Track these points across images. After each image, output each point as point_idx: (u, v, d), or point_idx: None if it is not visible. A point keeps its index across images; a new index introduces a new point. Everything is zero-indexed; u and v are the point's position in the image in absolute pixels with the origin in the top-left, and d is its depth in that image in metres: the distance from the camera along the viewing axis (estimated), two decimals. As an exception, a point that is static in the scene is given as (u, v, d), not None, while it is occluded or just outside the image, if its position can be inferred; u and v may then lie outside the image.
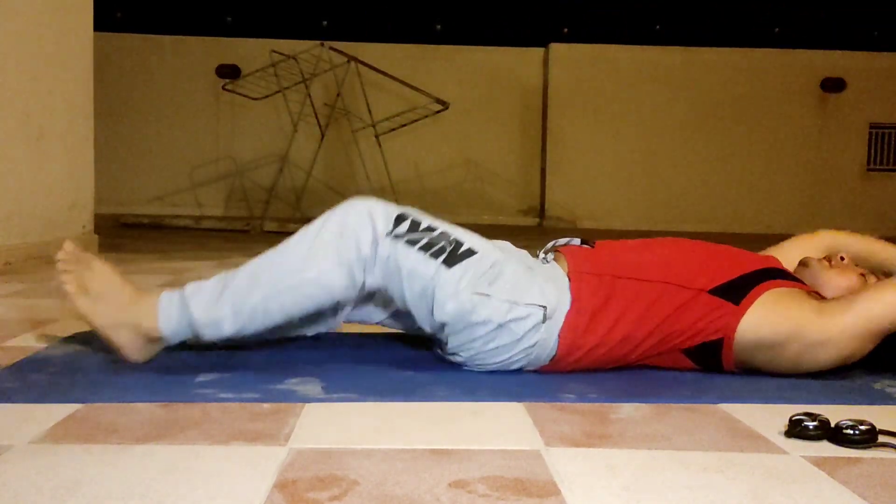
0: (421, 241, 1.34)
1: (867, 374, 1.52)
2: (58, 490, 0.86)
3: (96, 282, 1.34)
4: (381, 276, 1.35)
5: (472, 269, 1.35)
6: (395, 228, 1.34)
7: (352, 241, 1.32)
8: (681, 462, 1.01)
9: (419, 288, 1.35)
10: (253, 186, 7.39)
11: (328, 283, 1.32)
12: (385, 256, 1.33)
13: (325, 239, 1.33)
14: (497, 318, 1.36)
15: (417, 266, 1.33)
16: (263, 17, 7.36)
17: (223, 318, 1.33)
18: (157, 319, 1.33)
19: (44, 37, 3.24)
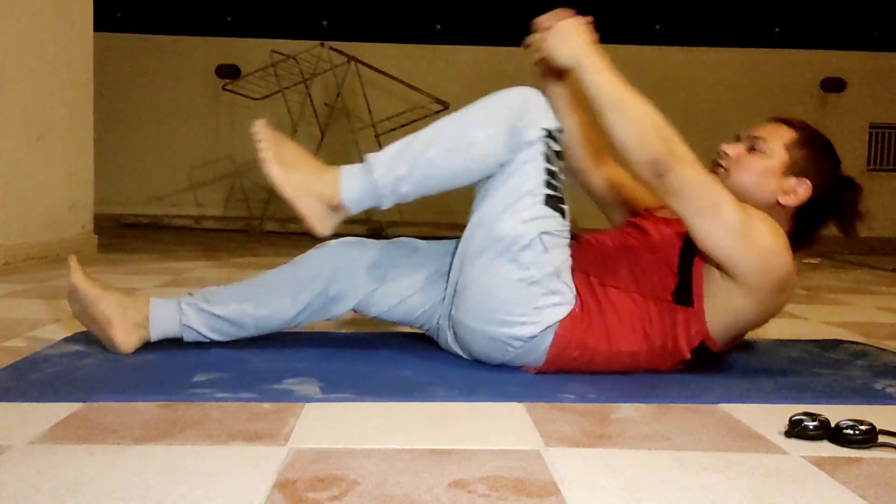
0: (552, 166, 1.40)
1: (867, 375, 1.53)
2: (58, 490, 0.86)
3: (289, 153, 1.39)
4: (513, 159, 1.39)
5: (554, 222, 1.40)
6: (549, 136, 1.39)
7: (519, 111, 1.38)
8: (681, 462, 1.01)
9: (511, 189, 1.39)
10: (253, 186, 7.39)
11: (495, 144, 1.37)
12: (526, 141, 1.37)
13: (501, 103, 1.39)
14: (536, 272, 1.39)
15: (530, 175, 1.38)
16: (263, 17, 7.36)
17: (401, 177, 1.38)
18: (339, 186, 1.38)
19: (44, 37, 3.24)
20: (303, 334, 1.74)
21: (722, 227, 1.32)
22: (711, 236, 1.33)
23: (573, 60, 1.40)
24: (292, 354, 1.54)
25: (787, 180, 1.44)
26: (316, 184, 1.38)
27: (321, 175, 1.39)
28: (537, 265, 1.38)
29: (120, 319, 1.49)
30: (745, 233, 1.33)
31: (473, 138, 1.37)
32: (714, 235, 1.33)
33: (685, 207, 1.33)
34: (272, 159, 1.36)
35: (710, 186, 1.34)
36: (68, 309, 2.03)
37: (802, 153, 1.45)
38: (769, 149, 1.46)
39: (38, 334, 1.72)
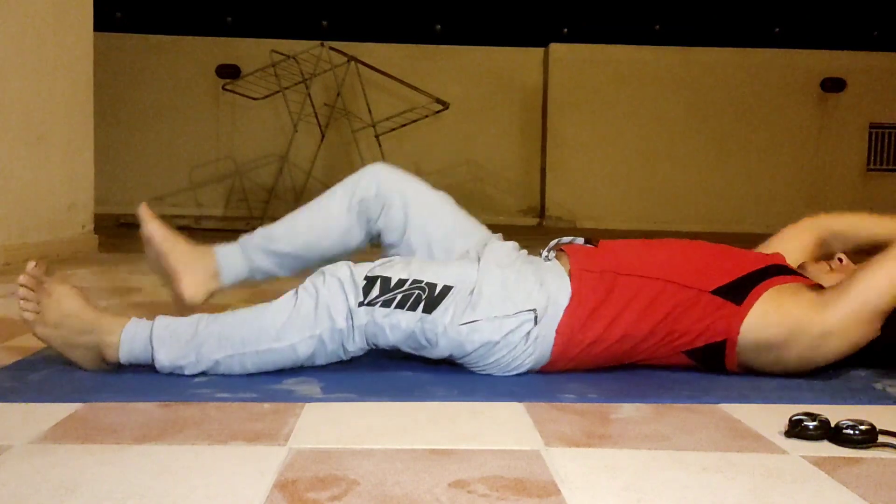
0: (396, 299, 1.36)
1: (867, 375, 1.52)
2: (57, 490, 0.86)
3: (54, 310, 1.35)
4: (364, 340, 1.39)
5: (453, 306, 1.37)
6: (366, 297, 1.36)
7: (325, 315, 1.35)
8: (681, 462, 1.01)
9: (405, 338, 1.39)
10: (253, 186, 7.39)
11: (298, 353, 1.37)
12: (363, 324, 1.37)
13: (301, 308, 1.36)
14: (492, 336, 1.38)
15: (399, 321, 1.37)
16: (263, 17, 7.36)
17: (186, 366, 1.36)
18: (118, 350, 1.35)
19: (44, 37, 3.24)
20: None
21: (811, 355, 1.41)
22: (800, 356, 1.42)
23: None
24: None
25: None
26: (89, 338, 1.34)
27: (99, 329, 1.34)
28: (483, 336, 1.37)
29: (188, 274, 1.51)
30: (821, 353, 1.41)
31: (270, 347, 1.35)
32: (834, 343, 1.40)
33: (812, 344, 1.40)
34: (35, 320, 1.34)
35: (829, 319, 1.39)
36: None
37: None
38: None
39: (38, 334, 1.71)
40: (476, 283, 1.40)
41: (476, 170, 7.47)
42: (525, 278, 1.42)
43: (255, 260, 1.59)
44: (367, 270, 1.38)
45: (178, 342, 1.35)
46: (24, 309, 1.35)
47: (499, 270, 1.43)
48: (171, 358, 1.34)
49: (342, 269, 1.38)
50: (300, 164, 6.70)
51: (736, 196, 7.54)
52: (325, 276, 1.38)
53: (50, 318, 1.34)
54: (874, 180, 7.58)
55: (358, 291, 1.36)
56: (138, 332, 1.35)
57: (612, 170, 7.52)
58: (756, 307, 1.40)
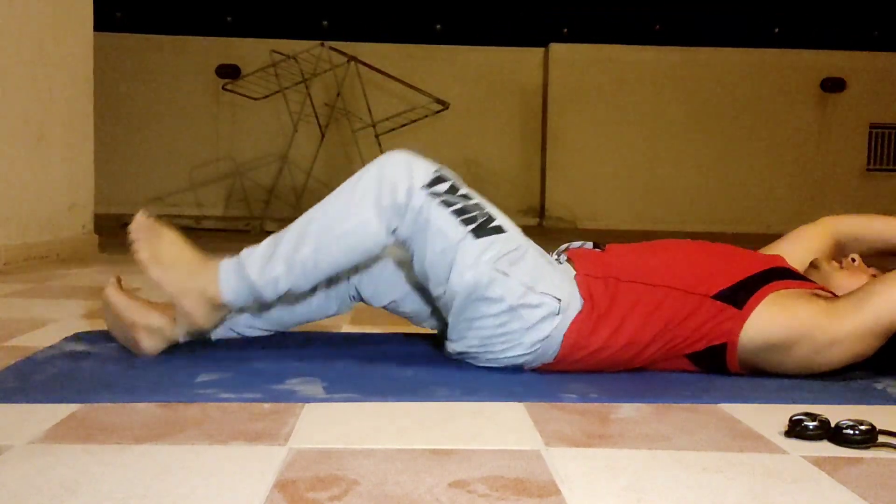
0: (456, 204, 1.35)
1: (868, 375, 1.52)
2: (58, 490, 0.86)
3: (166, 250, 1.37)
4: (410, 228, 1.36)
5: (498, 246, 1.36)
6: (432, 185, 1.35)
7: (388, 188, 1.34)
8: (681, 462, 1.01)
9: (441, 249, 1.35)
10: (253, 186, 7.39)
11: (368, 231, 1.35)
12: (417, 207, 1.34)
13: (364, 187, 1.35)
14: (510, 299, 1.35)
15: (446, 227, 1.34)
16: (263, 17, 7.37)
17: (278, 277, 1.36)
18: (218, 286, 1.37)
19: (44, 37, 3.24)
20: (305, 334, 1.74)
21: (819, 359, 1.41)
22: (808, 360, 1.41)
23: None
24: (295, 354, 1.54)
25: None
26: (198, 282, 1.36)
27: (201, 272, 1.37)
28: (508, 293, 1.36)
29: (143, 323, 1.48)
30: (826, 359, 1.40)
31: (343, 229, 1.35)
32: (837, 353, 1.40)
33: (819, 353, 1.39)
34: (149, 260, 1.35)
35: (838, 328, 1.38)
36: (69, 309, 2.04)
37: None
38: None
39: (39, 334, 1.72)
40: (524, 245, 1.39)
41: (476, 170, 7.47)
42: (556, 270, 1.43)
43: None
44: (440, 169, 1.38)
45: (262, 257, 1.36)
46: (138, 249, 1.35)
47: (540, 252, 1.44)
48: (261, 272, 1.35)
49: (413, 154, 1.39)
50: (300, 164, 6.70)
51: (736, 196, 7.54)
52: (394, 155, 1.38)
53: (165, 258, 1.36)
54: (874, 180, 7.58)
55: (427, 176, 1.35)
56: (229, 263, 1.38)
57: (612, 170, 7.52)
58: (759, 310, 1.40)
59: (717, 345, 1.42)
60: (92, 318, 1.91)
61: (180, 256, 1.38)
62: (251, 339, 1.61)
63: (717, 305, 1.41)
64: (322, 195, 1.45)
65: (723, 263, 1.49)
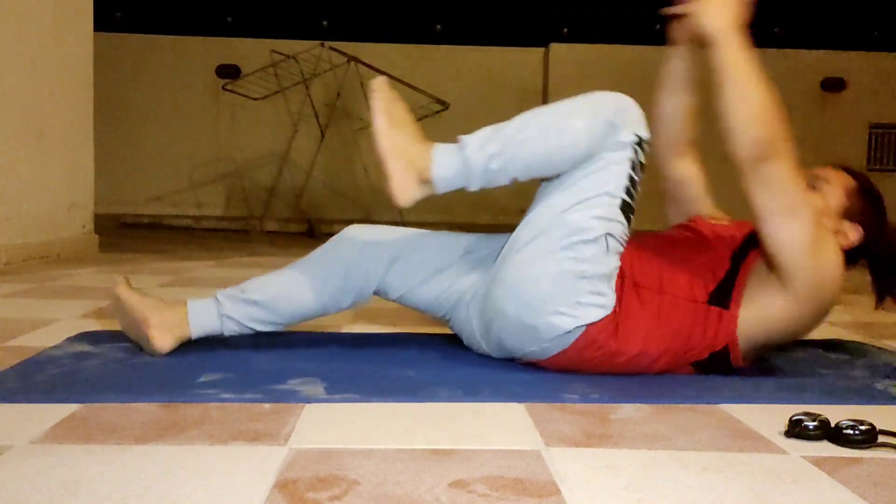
0: (635, 175, 1.41)
1: (868, 375, 1.53)
2: (58, 490, 0.86)
3: (397, 112, 1.40)
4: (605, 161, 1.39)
5: (621, 229, 1.41)
6: (640, 144, 1.40)
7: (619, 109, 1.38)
8: (681, 462, 1.01)
9: (592, 185, 1.39)
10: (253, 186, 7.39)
11: (591, 133, 1.37)
12: (619, 141, 1.38)
13: (602, 99, 1.40)
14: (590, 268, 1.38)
15: (613, 177, 1.38)
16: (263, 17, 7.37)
17: (494, 154, 1.38)
18: (431, 163, 1.37)
19: (44, 37, 3.24)
20: (307, 334, 1.74)
21: (794, 230, 1.36)
22: (781, 235, 1.36)
23: (720, 32, 1.41)
24: (297, 355, 1.54)
25: (842, 222, 1.49)
26: (413, 150, 1.38)
27: (420, 145, 1.39)
28: (593, 262, 1.38)
29: (157, 319, 1.49)
30: (813, 243, 1.37)
31: (570, 124, 1.38)
32: (784, 235, 1.36)
33: (767, 201, 1.36)
34: (381, 110, 1.37)
35: (799, 190, 1.36)
36: (69, 309, 2.04)
37: (859, 201, 1.51)
38: (830, 190, 1.52)
39: (39, 334, 1.72)
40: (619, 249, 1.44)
41: (476, 170, 7.47)
42: None
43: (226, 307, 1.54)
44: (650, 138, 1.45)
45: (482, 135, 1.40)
46: (377, 99, 1.37)
47: None
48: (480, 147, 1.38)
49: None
50: (300, 164, 6.70)
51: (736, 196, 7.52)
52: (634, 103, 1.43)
53: (395, 115, 1.38)
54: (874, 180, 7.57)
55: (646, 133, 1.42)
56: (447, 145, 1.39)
57: (612, 170, 7.52)
58: (743, 308, 1.42)
59: (719, 350, 1.43)
60: (92, 318, 1.91)
61: (408, 123, 1.40)
62: (254, 340, 1.60)
63: (712, 312, 1.43)
64: (322, 195, 1.45)
65: (706, 259, 1.49)
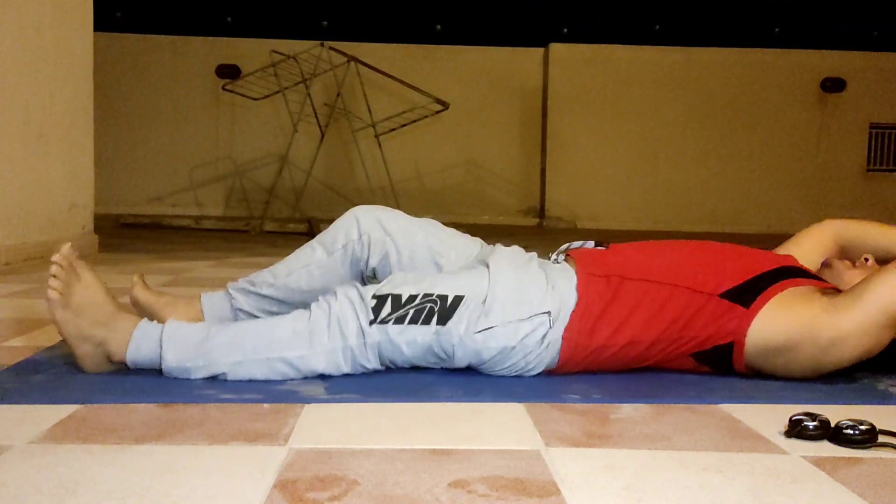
0: (408, 315, 1.36)
1: (869, 375, 1.52)
2: (58, 490, 0.86)
3: (79, 294, 1.34)
4: (377, 359, 1.39)
5: (467, 314, 1.37)
6: (377, 315, 1.36)
7: (337, 332, 1.35)
8: (681, 462, 1.01)
9: (423, 352, 1.39)
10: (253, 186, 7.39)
11: (307, 366, 1.36)
12: (376, 342, 1.36)
13: (314, 327, 1.36)
14: (508, 342, 1.38)
15: (415, 337, 1.37)
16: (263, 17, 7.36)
17: (192, 368, 1.34)
18: (125, 348, 1.34)
19: (44, 37, 3.24)
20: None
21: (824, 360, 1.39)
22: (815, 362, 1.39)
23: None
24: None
25: None
26: (102, 332, 1.33)
27: (113, 325, 1.34)
28: (502, 341, 1.37)
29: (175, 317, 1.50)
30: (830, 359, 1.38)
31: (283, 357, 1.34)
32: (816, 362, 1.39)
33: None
34: (59, 301, 1.32)
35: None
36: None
37: None
38: None
39: (39, 334, 1.72)
40: (488, 289, 1.39)
41: (476, 170, 7.47)
42: (537, 280, 1.42)
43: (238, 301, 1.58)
44: (375, 290, 1.38)
45: (187, 344, 1.34)
46: (53, 287, 1.32)
47: (512, 272, 1.42)
48: (179, 359, 1.33)
49: (351, 290, 1.38)
50: (300, 164, 6.70)
51: (736, 196, 7.54)
52: (337, 295, 1.38)
53: (74, 302, 1.33)
54: (874, 180, 7.58)
55: (368, 311, 1.36)
56: (149, 331, 1.34)
57: (612, 170, 7.52)
58: (765, 310, 1.39)
59: (724, 344, 1.42)
60: (92, 318, 1.91)
61: (93, 303, 1.35)
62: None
63: (724, 304, 1.40)
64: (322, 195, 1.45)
65: (731, 262, 1.48)
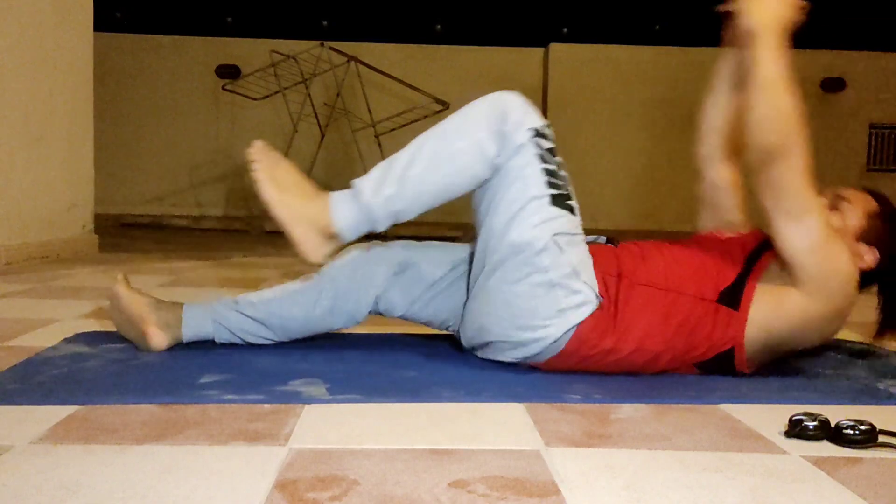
0: (549, 165, 1.38)
1: (869, 375, 1.53)
2: (58, 490, 0.86)
3: (284, 176, 1.38)
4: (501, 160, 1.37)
5: (565, 221, 1.38)
6: (539, 136, 1.38)
7: (499, 115, 1.36)
8: (681, 462, 1.01)
9: (514, 197, 1.37)
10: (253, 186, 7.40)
11: (480, 152, 1.36)
12: (517, 145, 1.36)
13: (479, 111, 1.38)
14: (554, 273, 1.37)
15: (530, 180, 1.36)
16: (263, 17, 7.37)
17: (391, 196, 1.36)
18: (330, 214, 1.36)
19: (44, 37, 3.24)
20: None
21: (803, 234, 1.35)
22: (790, 238, 1.36)
23: (759, 29, 1.37)
24: (298, 356, 1.54)
25: (859, 245, 1.47)
26: (311, 210, 1.36)
27: (315, 201, 1.37)
28: (555, 267, 1.37)
29: (154, 317, 1.51)
30: (822, 248, 1.36)
31: (455, 148, 1.36)
32: (793, 238, 1.36)
33: (776, 203, 1.35)
34: (267, 180, 1.35)
35: (809, 195, 1.35)
36: (69, 309, 2.04)
37: (879, 225, 1.49)
38: (850, 210, 1.50)
39: (39, 334, 1.72)
40: (582, 234, 1.42)
41: (476, 170, 7.47)
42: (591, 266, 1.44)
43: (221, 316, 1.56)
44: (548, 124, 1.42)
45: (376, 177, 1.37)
46: (257, 169, 1.36)
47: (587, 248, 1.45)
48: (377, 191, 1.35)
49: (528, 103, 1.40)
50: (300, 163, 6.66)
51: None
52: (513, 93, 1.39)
53: (282, 180, 1.36)
54: (874, 180, 7.58)
55: (538, 122, 1.38)
56: (342, 193, 1.38)
57: (612, 170, 7.52)
58: (753, 309, 1.41)
59: (724, 351, 1.43)
60: (92, 319, 1.91)
61: (297, 183, 1.38)
62: (252, 340, 1.60)
63: (721, 311, 1.41)
64: (322, 195, 1.44)
65: (717, 260, 1.48)
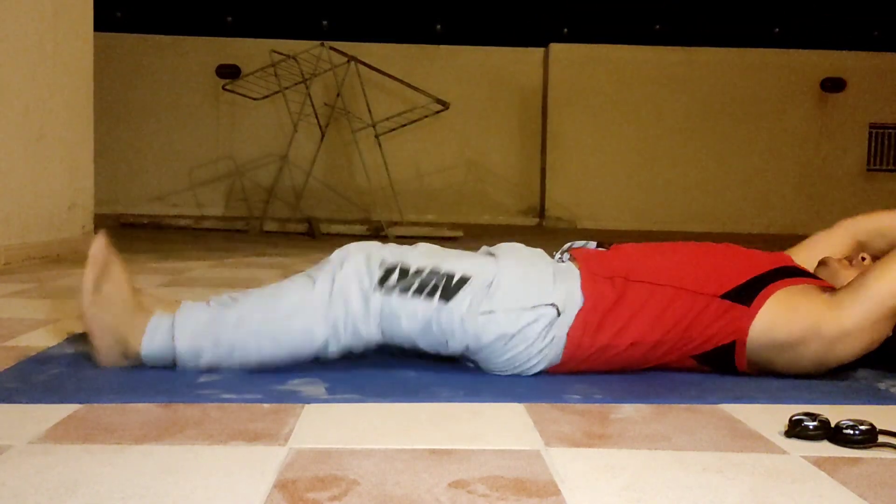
0: (413, 285, 1.36)
1: (869, 375, 1.52)
2: (57, 490, 0.86)
3: (110, 284, 1.35)
4: (379, 328, 1.37)
5: (470, 294, 1.36)
6: (384, 282, 1.35)
7: (340, 300, 1.34)
8: (681, 462, 1.01)
9: (422, 328, 1.36)
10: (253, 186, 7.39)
11: (310, 338, 1.35)
12: (378, 310, 1.35)
13: (317, 292, 1.35)
14: (508, 328, 1.36)
15: (416, 310, 1.35)
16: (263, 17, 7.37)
17: (203, 349, 1.34)
18: (142, 338, 1.34)
19: (44, 37, 3.24)
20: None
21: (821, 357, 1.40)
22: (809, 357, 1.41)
23: None
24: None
25: None
26: (123, 329, 1.34)
27: (132, 320, 1.35)
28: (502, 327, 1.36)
29: None
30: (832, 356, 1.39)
31: (287, 328, 1.34)
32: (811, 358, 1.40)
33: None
34: (89, 285, 1.33)
35: None
36: (69, 309, 2.03)
37: None
38: None
39: (39, 334, 1.72)
40: (496, 275, 1.38)
41: (476, 170, 7.47)
42: (544, 273, 1.42)
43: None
44: (384, 256, 1.38)
45: (197, 325, 1.33)
46: (87, 274, 1.33)
47: (520, 263, 1.42)
48: (190, 344, 1.33)
49: (358, 255, 1.37)
50: (300, 164, 6.70)
51: (736, 196, 7.54)
52: (342, 261, 1.36)
53: (106, 290, 1.34)
54: (874, 180, 7.58)
55: (374, 276, 1.35)
56: (162, 321, 1.35)
57: (612, 170, 7.52)
58: (766, 308, 1.39)
59: (726, 344, 1.42)
60: (92, 318, 1.91)
61: (120, 294, 1.36)
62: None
63: (725, 304, 1.41)
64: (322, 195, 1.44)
65: (731, 263, 1.48)
